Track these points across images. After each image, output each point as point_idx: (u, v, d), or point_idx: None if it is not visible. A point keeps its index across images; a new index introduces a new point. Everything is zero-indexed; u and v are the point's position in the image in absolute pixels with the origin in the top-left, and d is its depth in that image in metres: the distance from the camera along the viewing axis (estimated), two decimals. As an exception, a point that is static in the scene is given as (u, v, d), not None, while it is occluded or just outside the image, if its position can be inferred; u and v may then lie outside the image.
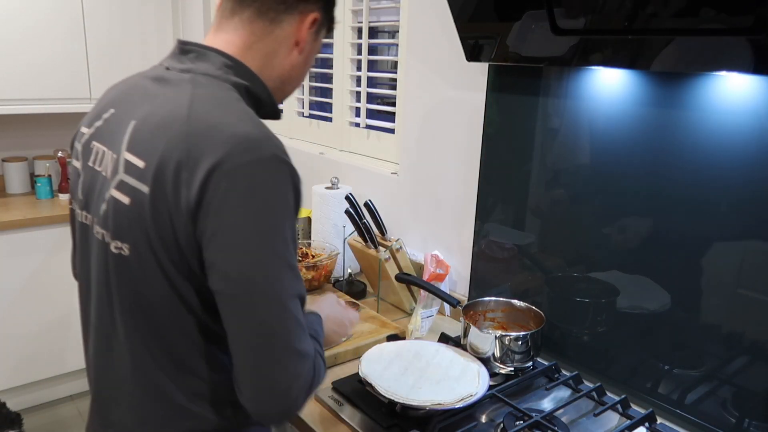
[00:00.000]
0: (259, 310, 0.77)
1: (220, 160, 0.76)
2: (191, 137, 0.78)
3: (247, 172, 0.76)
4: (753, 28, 0.86)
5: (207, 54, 0.89)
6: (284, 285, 0.78)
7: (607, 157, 1.24)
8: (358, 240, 1.69)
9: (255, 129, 0.80)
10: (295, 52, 0.95)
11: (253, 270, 0.77)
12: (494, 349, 1.28)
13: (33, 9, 2.60)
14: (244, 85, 0.89)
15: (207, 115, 0.80)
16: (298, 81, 1.00)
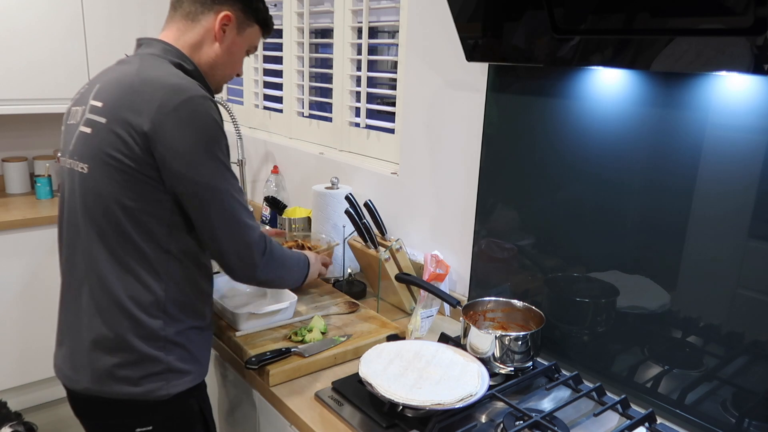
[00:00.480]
0: (218, 203, 1.11)
1: (162, 102, 1.06)
2: (139, 84, 1.10)
3: (184, 107, 1.07)
4: (753, 28, 0.86)
5: (152, 43, 1.22)
6: (230, 183, 1.13)
7: (607, 157, 1.24)
8: (358, 240, 1.69)
9: (184, 81, 1.11)
10: (216, 45, 1.23)
11: (208, 174, 1.09)
12: (494, 349, 1.28)
13: (32, 8, 2.60)
14: (178, 63, 1.19)
15: (150, 71, 1.12)
16: (226, 69, 1.27)
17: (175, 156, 1.07)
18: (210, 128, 1.09)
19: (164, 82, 1.09)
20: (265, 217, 2.30)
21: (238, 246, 1.15)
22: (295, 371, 1.29)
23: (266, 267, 1.21)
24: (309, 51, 2.29)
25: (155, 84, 1.09)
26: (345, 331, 1.45)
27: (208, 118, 1.09)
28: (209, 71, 1.25)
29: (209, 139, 1.09)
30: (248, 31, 1.27)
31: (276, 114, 2.55)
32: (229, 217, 1.13)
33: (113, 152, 1.09)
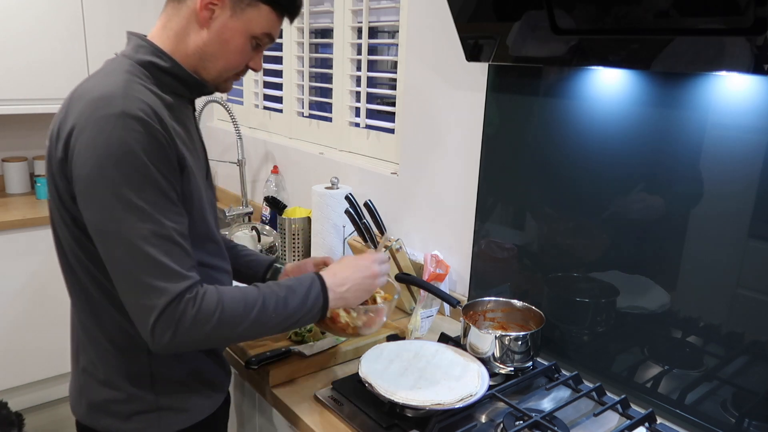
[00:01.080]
0: (112, 250, 0.90)
1: (77, 118, 0.90)
2: (70, 101, 0.95)
3: (94, 127, 0.88)
4: (753, 28, 0.86)
5: (131, 38, 1.04)
6: (131, 227, 0.88)
7: (607, 157, 1.24)
8: (358, 240, 1.69)
9: (115, 90, 0.91)
10: (204, 31, 1.01)
11: (102, 216, 0.89)
12: (494, 349, 1.28)
13: (33, 9, 2.60)
14: (149, 61, 0.99)
15: (86, 84, 0.96)
16: (219, 61, 1.04)
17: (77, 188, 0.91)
18: (115, 156, 0.87)
19: (90, 95, 0.91)
20: (264, 217, 2.30)
21: (134, 312, 0.92)
22: (295, 371, 1.29)
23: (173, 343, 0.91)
24: (309, 51, 2.29)
25: (82, 98, 0.92)
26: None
27: (115, 142, 0.87)
28: (199, 63, 1.03)
29: (111, 169, 0.87)
30: (249, 13, 1.00)
31: (276, 114, 2.55)
32: (122, 270, 0.90)
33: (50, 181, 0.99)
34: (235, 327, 0.95)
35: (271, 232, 2.16)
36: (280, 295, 1.01)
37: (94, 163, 0.88)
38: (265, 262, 1.35)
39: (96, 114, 0.89)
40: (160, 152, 0.91)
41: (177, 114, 1.01)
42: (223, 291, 0.96)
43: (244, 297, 0.97)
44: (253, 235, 2.08)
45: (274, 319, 0.99)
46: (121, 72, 0.95)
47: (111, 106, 0.89)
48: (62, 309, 2.69)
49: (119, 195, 0.87)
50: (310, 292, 1.04)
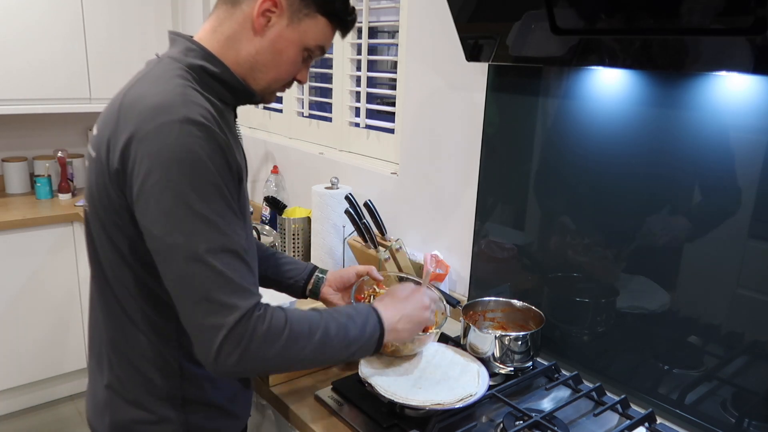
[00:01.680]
0: (177, 265, 0.83)
1: (136, 128, 0.85)
2: (122, 109, 0.89)
3: (157, 136, 0.83)
4: (753, 28, 0.86)
5: (177, 40, 0.98)
6: (200, 239, 0.82)
7: (607, 157, 1.24)
8: (358, 240, 1.69)
9: (173, 97, 0.86)
10: (257, 39, 0.96)
11: (167, 227, 0.83)
12: (494, 349, 1.28)
13: (32, 9, 2.60)
14: (199, 65, 0.94)
15: (138, 90, 0.90)
16: (270, 71, 0.99)
17: (137, 200, 0.85)
18: (181, 162, 0.82)
19: (145, 103, 0.86)
20: (264, 217, 2.30)
21: (197, 331, 0.85)
22: (295, 371, 1.29)
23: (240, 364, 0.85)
24: (309, 51, 2.29)
25: (136, 106, 0.87)
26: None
27: (183, 149, 0.82)
28: (249, 73, 0.98)
29: (178, 175, 0.82)
30: (306, 23, 0.96)
31: (276, 114, 2.55)
32: (187, 288, 0.84)
33: (99, 193, 0.92)
34: (302, 348, 0.91)
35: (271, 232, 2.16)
36: (341, 321, 0.97)
37: (159, 171, 0.82)
38: (306, 270, 1.30)
39: (157, 121, 0.84)
40: (223, 160, 0.86)
41: (226, 121, 0.95)
42: (289, 310, 0.91)
43: (308, 318, 0.93)
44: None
45: (336, 345, 0.95)
46: (173, 77, 0.90)
47: (172, 112, 0.84)
48: (62, 309, 2.70)
49: (187, 204, 0.82)
50: (368, 322, 1.01)
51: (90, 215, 0.98)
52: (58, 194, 2.86)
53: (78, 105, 2.79)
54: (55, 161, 2.93)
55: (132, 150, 0.85)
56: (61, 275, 2.68)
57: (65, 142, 3.10)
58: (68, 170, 2.89)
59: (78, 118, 3.10)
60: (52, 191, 2.89)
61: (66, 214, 2.64)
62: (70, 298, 2.72)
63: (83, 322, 2.76)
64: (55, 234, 2.63)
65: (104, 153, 0.89)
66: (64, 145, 3.06)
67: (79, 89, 2.78)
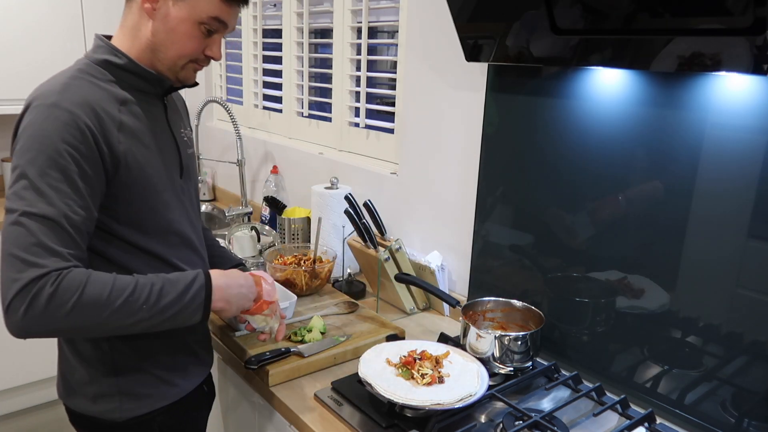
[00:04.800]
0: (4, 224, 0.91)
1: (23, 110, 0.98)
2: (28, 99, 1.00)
3: (28, 116, 0.96)
4: (752, 28, 0.86)
5: (94, 39, 1.09)
6: (23, 203, 0.91)
7: (607, 157, 1.24)
8: (358, 240, 1.69)
9: (54, 86, 0.98)
10: (151, 21, 1.04)
11: (7, 191, 0.94)
12: (494, 349, 1.28)
13: (32, 9, 2.60)
14: (104, 60, 1.05)
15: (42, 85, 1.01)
16: (169, 49, 1.05)
17: None
18: (33, 139, 0.93)
19: (36, 92, 0.99)
20: (264, 217, 2.30)
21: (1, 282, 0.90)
22: (295, 371, 1.29)
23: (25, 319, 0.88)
24: (309, 51, 2.29)
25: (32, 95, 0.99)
26: (344, 331, 1.45)
27: (39, 128, 0.93)
28: (153, 55, 1.06)
29: (26, 151, 0.93)
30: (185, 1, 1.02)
31: (275, 114, 2.55)
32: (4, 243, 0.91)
33: None
34: (97, 314, 0.92)
35: (270, 232, 2.16)
36: (156, 286, 0.97)
37: (20, 146, 0.94)
38: (230, 264, 1.35)
39: (33, 105, 0.97)
40: (83, 143, 0.94)
41: (135, 110, 1.05)
42: (93, 275, 0.93)
43: (112, 283, 0.94)
44: (252, 235, 2.08)
45: (144, 311, 0.95)
46: (72, 70, 1.03)
47: (46, 98, 0.96)
48: (62, 309, 2.69)
49: (23, 174, 0.92)
50: (192, 285, 1.01)
51: None
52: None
53: (78, 105, 2.78)
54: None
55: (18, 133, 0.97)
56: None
57: (65, 142, 3.09)
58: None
59: (78, 118, 3.10)
60: (52, 191, 2.89)
61: (66, 214, 2.63)
62: (70, 298, 2.71)
63: (83, 322, 2.75)
64: (54, 234, 2.63)
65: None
66: (63, 145, 3.06)
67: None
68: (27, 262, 0.88)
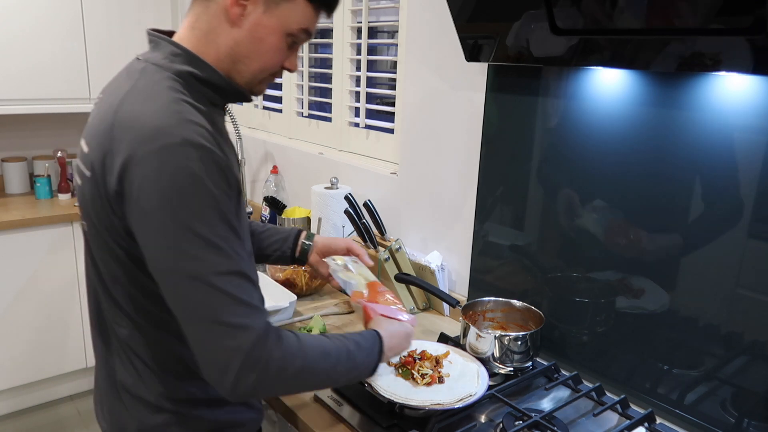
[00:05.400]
0: (184, 290, 0.81)
1: (134, 150, 0.81)
2: (115, 128, 0.84)
3: (156, 159, 0.80)
4: (752, 28, 0.86)
5: (159, 43, 0.93)
6: (206, 264, 0.80)
7: (607, 157, 1.24)
8: (358, 240, 1.69)
9: (168, 118, 0.82)
10: (235, 29, 0.90)
11: (171, 254, 0.80)
12: (493, 349, 1.28)
13: (32, 9, 2.60)
14: (188, 72, 0.90)
15: (131, 107, 0.85)
16: (253, 61, 0.93)
17: (137, 225, 0.83)
18: (183, 188, 0.79)
19: (140, 124, 0.82)
20: (264, 217, 2.30)
21: (210, 357, 0.82)
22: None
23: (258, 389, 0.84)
24: (308, 51, 2.29)
25: (130, 126, 0.83)
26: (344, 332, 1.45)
27: (183, 173, 0.79)
28: (232, 67, 0.92)
29: (176, 200, 0.79)
30: (284, 7, 0.90)
31: (275, 114, 2.55)
32: (195, 313, 0.81)
33: (97, 214, 0.89)
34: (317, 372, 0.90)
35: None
36: (350, 349, 0.97)
37: (160, 197, 0.79)
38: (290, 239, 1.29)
39: (156, 144, 0.80)
40: (223, 181, 0.83)
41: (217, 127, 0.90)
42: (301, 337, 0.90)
43: (320, 343, 0.92)
44: (252, 235, 2.08)
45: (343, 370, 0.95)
46: (164, 89, 0.86)
47: (171, 134, 0.80)
48: (62, 309, 2.70)
49: (191, 229, 0.80)
50: (372, 351, 1.01)
51: (90, 234, 0.94)
52: (58, 194, 2.86)
53: (77, 105, 2.79)
54: (54, 161, 2.93)
55: (131, 173, 0.81)
56: (60, 275, 2.67)
57: (65, 142, 3.10)
58: (68, 170, 2.89)
59: (78, 118, 3.10)
60: (52, 191, 2.89)
61: (65, 214, 2.64)
62: (70, 298, 2.72)
63: (83, 322, 2.76)
64: (54, 234, 2.63)
65: (99, 173, 0.86)
66: (63, 145, 3.06)
67: (78, 89, 2.78)
68: (241, 326, 0.81)
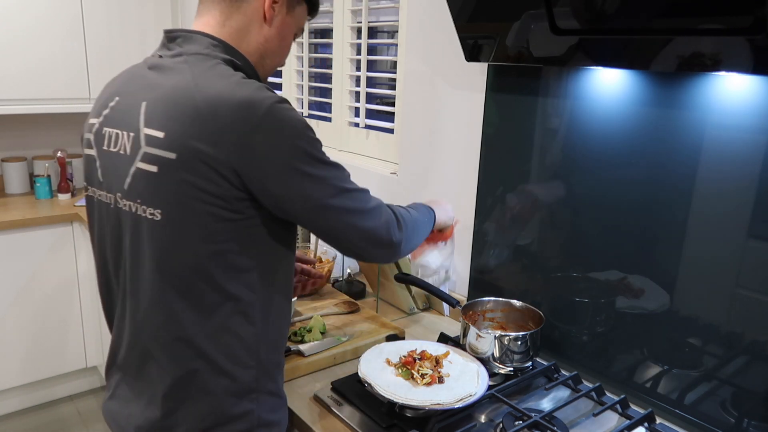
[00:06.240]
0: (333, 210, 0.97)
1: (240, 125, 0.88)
2: (204, 107, 0.89)
3: (266, 123, 0.89)
4: (752, 28, 0.86)
5: (193, 37, 1.00)
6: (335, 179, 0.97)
7: (607, 157, 1.24)
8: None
9: (251, 89, 0.91)
10: (266, 26, 1.03)
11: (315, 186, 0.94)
12: (493, 349, 1.28)
13: (32, 9, 2.60)
14: (230, 60, 0.99)
15: (210, 86, 0.91)
16: (276, 56, 1.08)
17: (276, 177, 0.91)
18: (299, 133, 0.92)
19: (233, 100, 0.89)
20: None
21: (373, 238, 1.03)
22: (295, 371, 1.29)
23: (406, 241, 1.10)
24: (308, 51, 2.29)
25: (223, 104, 0.89)
26: (344, 332, 1.45)
27: (293, 122, 0.91)
28: (259, 61, 1.05)
29: (303, 145, 0.92)
30: (297, 9, 1.07)
31: (275, 114, 2.55)
32: (350, 218, 0.99)
33: (198, 193, 0.90)
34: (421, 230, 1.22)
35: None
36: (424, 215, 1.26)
37: (290, 151, 0.91)
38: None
39: (260, 110, 0.89)
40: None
41: None
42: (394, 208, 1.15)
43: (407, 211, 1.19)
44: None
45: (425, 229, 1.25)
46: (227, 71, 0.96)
47: (265, 99, 0.90)
48: (62, 309, 2.70)
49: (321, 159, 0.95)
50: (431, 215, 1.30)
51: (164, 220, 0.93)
52: (58, 194, 2.86)
53: (77, 105, 2.79)
54: (54, 161, 2.93)
55: (249, 141, 0.89)
56: (60, 275, 2.67)
57: (65, 142, 3.10)
58: (68, 170, 2.89)
59: (78, 118, 3.10)
60: (52, 191, 2.89)
61: (65, 214, 2.64)
62: (70, 298, 2.72)
63: (83, 322, 2.76)
64: (54, 234, 2.63)
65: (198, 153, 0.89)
66: (63, 145, 3.06)
67: (78, 89, 2.78)
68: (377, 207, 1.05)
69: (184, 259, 0.94)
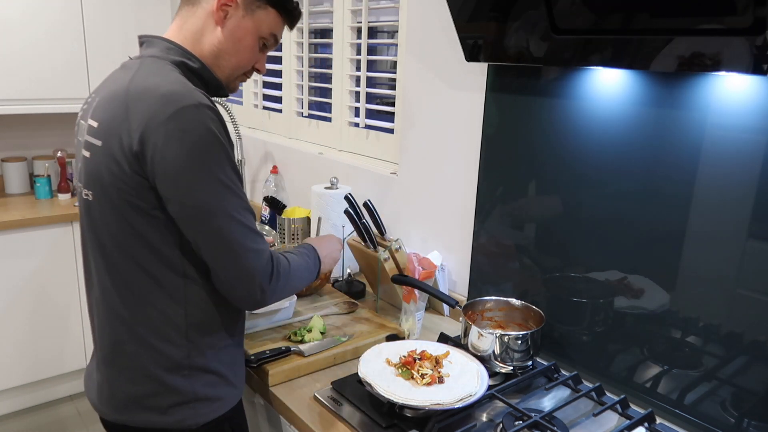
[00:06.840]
0: (213, 225, 0.98)
1: (153, 113, 0.95)
2: (129, 98, 0.98)
3: (177, 119, 0.95)
4: (752, 28, 0.86)
5: (153, 41, 1.10)
6: (228, 202, 0.99)
7: (606, 157, 1.24)
8: (358, 240, 1.68)
9: (180, 87, 0.98)
10: (219, 28, 1.09)
11: (202, 195, 0.97)
12: (494, 349, 1.28)
13: (32, 10, 2.60)
14: (181, 62, 1.07)
15: (143, 81, 1.00)
16: (233, 56, 1.12)
17: (164, 176, 0.96)
18: (204, 141, 0.95)
19: (155, 93, 0.97)
20: (264, 217, 2.30)
21: (240, 275, 1.02)
22: (295, 371, 1.29)
23: (274, 293, 1.07)
24: (308, 51, 2.29)
25: (146, 95, 0.97)
26: (344, 332, 1.45)
27: (201, 129, 0.95)
28: (214, 62, 1.11)
29: (202, 154, 0.96)
30: (259, 14, 1.10)
31: (275, 114, 2.55)
32: (227, 243, 0.99)
33: (111, 178, 0.99)
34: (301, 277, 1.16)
35: (270, 232, 2.16)
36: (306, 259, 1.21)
37: (189, 151, 0.95)
38: None
39: (174, 106, 0.95)
40: (227, 134, 1.01)
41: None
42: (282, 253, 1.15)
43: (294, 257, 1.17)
44: (252, 235, 2.08)
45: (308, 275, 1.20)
46: (169, 70, 1.03)
47: (185, 98, 0.96)
48: (62, 309, 2.70)
49: (213, 174, 0.97)
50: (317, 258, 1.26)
51: (95, 201, 1.05)
52: (58, 194, 2.86)
53: (77, 105, 2.79)
54: (54, 161, 2.93)
55: (152, 133, 0.95)
56: (60, 275, 2.67)
57: (65, 142, 3.10)
58: (68, 170, 2.89)
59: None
60: (52, 191, 2.89)
61: (65, 214, 2.64)
62: (70, 298, 2.72)
63: (83, 322, 2.75)
64: (54, 234, 2.63)
65: (116, 140, 0.98)
66: (63, 145, 3.06)
67: (78, 90, 2.78)
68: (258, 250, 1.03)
69: (110, 238, 1.04)
